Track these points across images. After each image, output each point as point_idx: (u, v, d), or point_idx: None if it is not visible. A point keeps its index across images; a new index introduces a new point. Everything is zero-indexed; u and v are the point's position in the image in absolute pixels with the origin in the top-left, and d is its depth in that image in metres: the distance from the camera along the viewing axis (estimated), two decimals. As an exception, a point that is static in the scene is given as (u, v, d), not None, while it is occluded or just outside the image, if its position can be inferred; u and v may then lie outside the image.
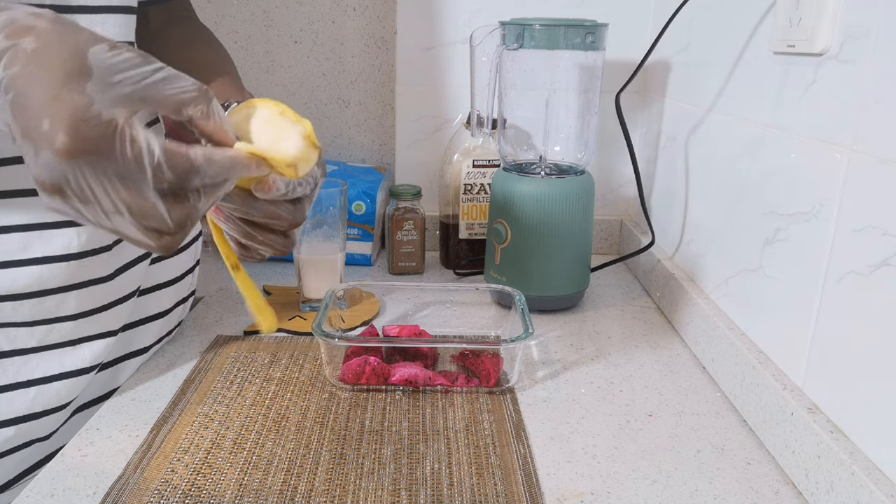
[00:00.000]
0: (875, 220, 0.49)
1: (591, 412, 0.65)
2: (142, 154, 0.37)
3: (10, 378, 0.59)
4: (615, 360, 0.76)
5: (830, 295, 0.54)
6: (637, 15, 1.03)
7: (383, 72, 1.13)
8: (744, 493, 0.54)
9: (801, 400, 0.56)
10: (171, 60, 0.69)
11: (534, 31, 0.81)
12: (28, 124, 0.36)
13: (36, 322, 0.59)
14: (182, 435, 0.59)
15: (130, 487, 0.52)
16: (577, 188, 0.85)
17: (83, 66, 0.36)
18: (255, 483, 0.54)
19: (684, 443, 0.61)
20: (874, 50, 0.50)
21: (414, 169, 1.10)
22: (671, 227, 0.91)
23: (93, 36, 0.37)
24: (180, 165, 0.38)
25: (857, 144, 0.51)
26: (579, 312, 0.88)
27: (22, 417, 0.60)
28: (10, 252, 0.56)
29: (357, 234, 1.02)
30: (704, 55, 0.82)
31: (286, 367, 0.72)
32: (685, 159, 0.87)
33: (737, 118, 0.72)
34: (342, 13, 1.10)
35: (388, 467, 0.56)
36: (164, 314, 0.74)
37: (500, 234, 0.86)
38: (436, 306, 0.85)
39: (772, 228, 0.63)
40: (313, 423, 0.62)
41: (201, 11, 1.02)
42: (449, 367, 0.73)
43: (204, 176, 0.39)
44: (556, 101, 0.89)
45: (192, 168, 0.38)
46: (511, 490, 0.53)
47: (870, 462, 0.48)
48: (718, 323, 0.71)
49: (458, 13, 1.03)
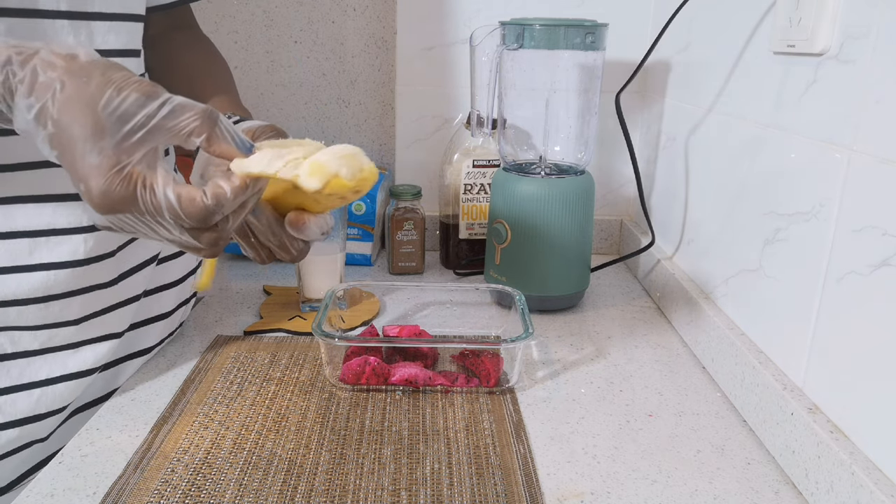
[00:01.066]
0: (875, 220, 0.49)
1: (591, 412, 0.65)
2: (161, 207, 0.42)
3: (13, 380, 0.59)
4: (615, 360, 0.76)
5: (830, 295, 0.54)
6: (637, 15, 1.03)
7: (383, 72, 1.13)
8: (744, 493, 0.54)
9: (801, 400, 0.56)
10: (172, 67, 0.69)
11: (534, 31, 0.81)
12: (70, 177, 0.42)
13: (40, 326, 0.59)
14: (182, 435, 0.59)
15: (130, 487, 0.52)
16: (577, 188, 0.85)
17: (97, 125, 0.40)
18: (255, 483, 0.54)
19: (684, 443, 0.61)
20: (874, 50, 0.50)
21: (414, 169, 1.10)
22: (671, 227, 0.91)
23: (102, 80, 0.41)
24: (196, 214, 0.43)
25: (857, 144, 0.51)
26: (579, 312, 0.88)
27: (26, 419, 0.60)
28: (18, 257, 0.56)
29: (357, 234, 1.02)
30: (704, 55, 0.82)
31: (286, 367, 0.72)
32: (685, 159, 0.87)
33: (737, 118, 0.72)
34: (342, 13, 1.10)
35: (388, 467, 0.56)
36: (166, 315, 0.74)
37: (500, 234, 0.86)
38: (436, 306, 0.85)
39: (772, 228, 0.63)
40: (313, 423, 0.62)
41: (201, 11, 1.02)
42: (449, 367, 0.73)
43: (223, 212, 0.44)
44: (556, 101, 0.89)
45: (207, 212, 0.43)
46: (511, 490, 0.53)
47: (870, 462, 0.48)
48: (718, 323, 0.71)
49: (458, 13, 1.03)
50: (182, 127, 0.42)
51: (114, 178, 0.41)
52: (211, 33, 1.08)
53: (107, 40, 0.56)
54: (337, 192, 0.46)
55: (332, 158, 0.45)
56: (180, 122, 0.42)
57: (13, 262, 0.56)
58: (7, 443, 0.60)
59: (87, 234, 0.58)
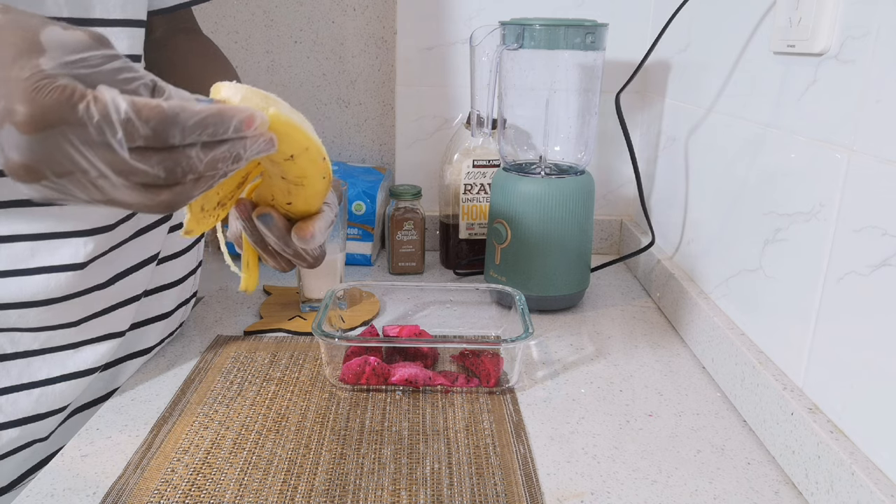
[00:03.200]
0: (875, 220, 0.49)
1: (591, 412, 0.65)
2: (108, 110, 0.34)
3: (14, 380, 0.59)
4: (615, 360, 0.76)
5: (830, 295, 0.54)
6: (637, 15, 1.03)
7: (383, 72, 1.13)
8: (744, 493, 0.54)
9: (801, 400, 0.56)
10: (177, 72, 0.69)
11: (534, 31, 0.81)
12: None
13: (40, 328, 0.59)
14: (182, 435, 0.59)
15: (130, 487, 0.52)
16: (577, 188, 0.85)
17: (35, 44, 0.34)
18: (255, 483, 0.54)
19: (684, 443, 0.61)
20: (874, 50, 0.50)
21: (414, 169, 1.10)
22: (671, 227, 0.91)
23: (47, 19, 0.36)
24: (152, 116, 0.35)
25: (857, 144, 0.51)
26: (579, 312, 0.88)
27: (27, 418, 0.61)
28: (18, 261, 0.56)
29: (357, 234, 1.02)
30: (704, 55, 0.82)
31: (286, 367, 0.72)
32: (685, 159, 0.87)
33: (737, 118, 0.72)
34: (342, 13, 1.10)
35: (388, 467, 0.56)
36: (166, 315, 0.74)
37: (500, 234, 0.86)
38: (436, 306, 0.85)
39: (772, 228, 0.63)
40: (313, 423, 0.62)
41: (201, 11, 1.02)
42: (449, 367, 0.73)
43: (185, 127, 0.36)
44: (556, 101, 0.89)
45: (166, 118, 0.35)
46: (511, 490, 0.53)
47: (870, 462, 0.48)
48: (718, 323, 0.71)
49: (458, 13, 1.03)
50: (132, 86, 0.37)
51: (47, 86, 0.34)
52: (211, 33, 1.09)
53: None
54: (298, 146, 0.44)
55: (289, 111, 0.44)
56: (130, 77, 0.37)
57: (14, 266, 0.56)
58: (8, 442, 0.60)
59: (88, 237, 0.58)
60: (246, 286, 0.55)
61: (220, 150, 0.38)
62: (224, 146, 0.39)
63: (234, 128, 0.38)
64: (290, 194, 0.49)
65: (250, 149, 0.40)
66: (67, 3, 0.52)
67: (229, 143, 0.39)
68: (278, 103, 0.43)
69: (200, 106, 0.37)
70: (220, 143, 0.38)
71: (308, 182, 0.48)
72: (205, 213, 0.48)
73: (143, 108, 0.35)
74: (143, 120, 0.35)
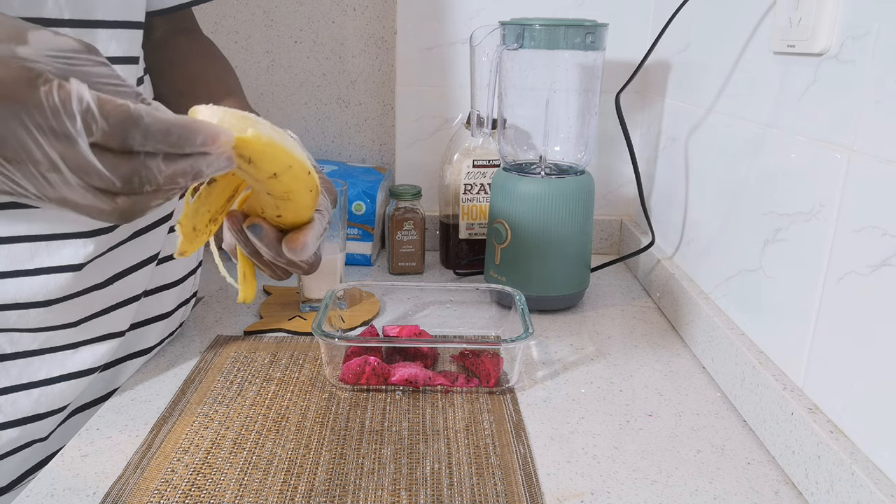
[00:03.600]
0: (875, 220, 0.49)
1: (591, 412, 0.65)
2: (70, 98, 0.33)
3: (13, 380, 0.59)
4: (615, 360, 0.76)
5: (830, 295, 0.54)
6: (637, 15, 1.03)
7: (383, 72, 1.13)
8: (744, 493, 0.54)
9: (801, 400, 0.56)
10: (177, 73, 0.69)
11: (534, 31, 0.81)
12: None
13: (40, 329, 0.59)
14: (182, 435, 0.59)
15: (130, 487, 0.52)
16: (577, 188, 0.85)
17: (20, 36, 0.34)
18: (255, 483, 0.54)
19: (684, 443, 0.61)
20: (874, 50, 0.50)
21: (414, 169, 1.10)
22: (671, 227, 0.91)
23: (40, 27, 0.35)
24: (115, 113, 0.34)
25: (857, 144, 0.51)
26: (579, 312, 0.88)
27: (26, 419, 0.61)
28: (18, 261, 0.56)
29: (357, 234, 1.02)
30: (704, 55, 0.82)
31: (286, 367, 0.72)
32: (685, 159, 0.87)
33: (737, 118, 0.72)
34: (342, 13, 1.10)
35: (388, 467, 0.56)
36: (166, 315, 0.74)
37: (500, 234, 0.86)
38: (436, 306, 0.85)
39: (772, 228, 0.63)
40: (313, 423, 0.62)
41: (201, 11, 1.02)
42: (449, 367, 0.73)
43: (147, 132, 0.35)
44: (556, 101, 0.89)
45: (129, 117, 0.34)
46: (511, 490, 0.53)
47: (870, 462, 0.48)
48: (718, 323, 0.71)
49: (458, 13, 1.03)
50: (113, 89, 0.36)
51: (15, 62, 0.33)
52: (211, 33, 1.09)
53: (108, 48, 0.56)
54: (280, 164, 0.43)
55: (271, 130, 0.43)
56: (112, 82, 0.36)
57: (14, 267, 0.56)
58: (7, 442, 0.60)
59: (88, 238, 0.58)
60: (244, 297, 0.54)
61: (181, 165, 0.37)
62: (187, 161, 0.38)
63: (200, 142, 0.37)
64: (278, 208, 0.48)
65: (211, 165, 0.39)
66: (68, 4, 0.52)
67: (192, 158, 0.38)
68: (258, 123, 0.42)
69: (168, 115, 0.36)
70: (182, 156, 0.37)
71: (294, 196, 0.47)
72: (197, 232, 0.47)
73: (107, 103, 0.34)
74: (104, 115, 0.34)
